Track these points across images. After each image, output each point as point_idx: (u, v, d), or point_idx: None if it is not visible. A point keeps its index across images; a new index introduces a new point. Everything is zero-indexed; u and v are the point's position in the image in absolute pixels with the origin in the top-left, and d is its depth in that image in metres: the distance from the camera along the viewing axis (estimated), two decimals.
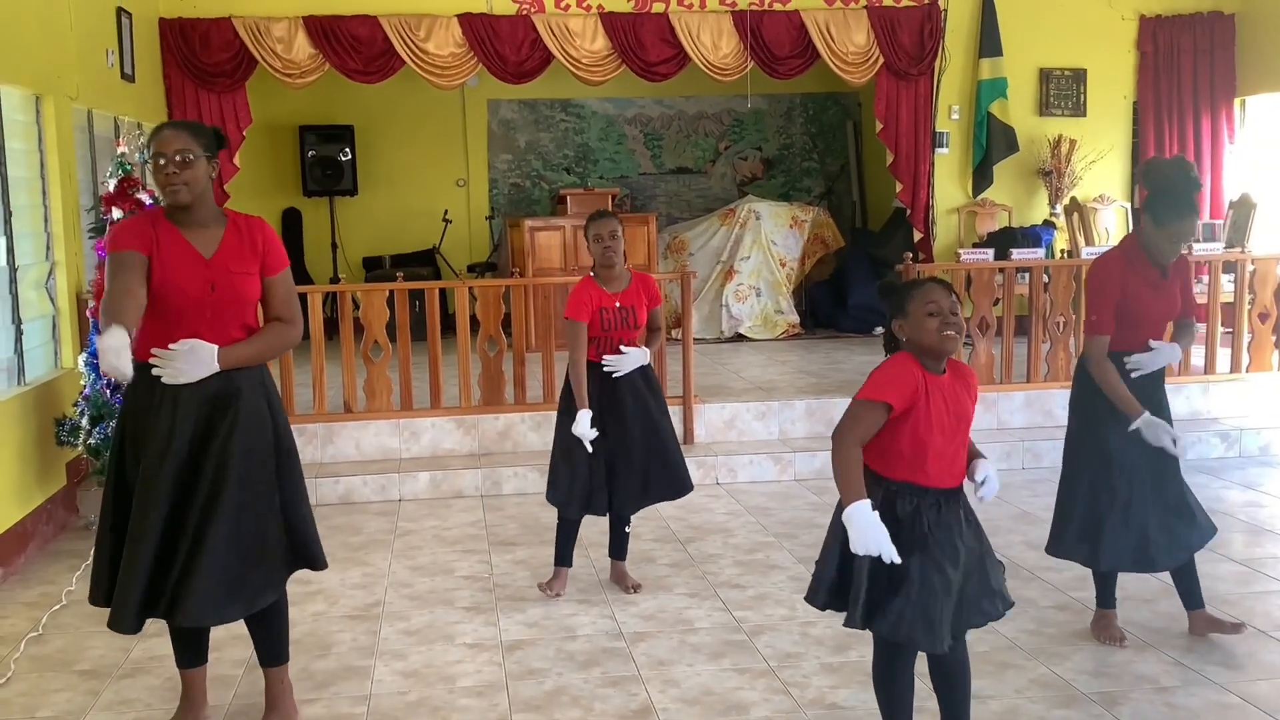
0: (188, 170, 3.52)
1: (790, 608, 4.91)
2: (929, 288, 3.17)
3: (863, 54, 10.11)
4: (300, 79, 9.58)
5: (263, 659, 3.95)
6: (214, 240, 3.60)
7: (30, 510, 5.80)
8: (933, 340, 3.14)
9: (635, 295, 5.00)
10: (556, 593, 5.10)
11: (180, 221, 3.59)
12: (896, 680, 3.35)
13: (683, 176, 13.13)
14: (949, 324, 3.11)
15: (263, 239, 3.68)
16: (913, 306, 3.16)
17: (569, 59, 9.80)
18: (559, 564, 5.17)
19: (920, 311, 3.14)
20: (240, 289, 3.60)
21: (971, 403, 3.21)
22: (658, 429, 5.04)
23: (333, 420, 7.18)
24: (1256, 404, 7.86)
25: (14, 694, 4.26)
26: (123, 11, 8.15)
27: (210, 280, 3.54)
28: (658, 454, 5.03)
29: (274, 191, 11.88)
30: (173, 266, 3.52)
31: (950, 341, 3.13)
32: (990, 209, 10.70)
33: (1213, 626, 4.48)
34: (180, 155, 3.51)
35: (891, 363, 3.19)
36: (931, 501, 3.16)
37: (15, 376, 5.99)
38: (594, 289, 4.93)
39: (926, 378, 3.15)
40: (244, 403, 3.62)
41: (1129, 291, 4.27)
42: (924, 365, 3.17)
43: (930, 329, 3.13)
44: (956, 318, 3.14)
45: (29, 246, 6.28)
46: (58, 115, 6.58)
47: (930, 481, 3.15)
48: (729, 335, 10.56)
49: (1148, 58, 10.70)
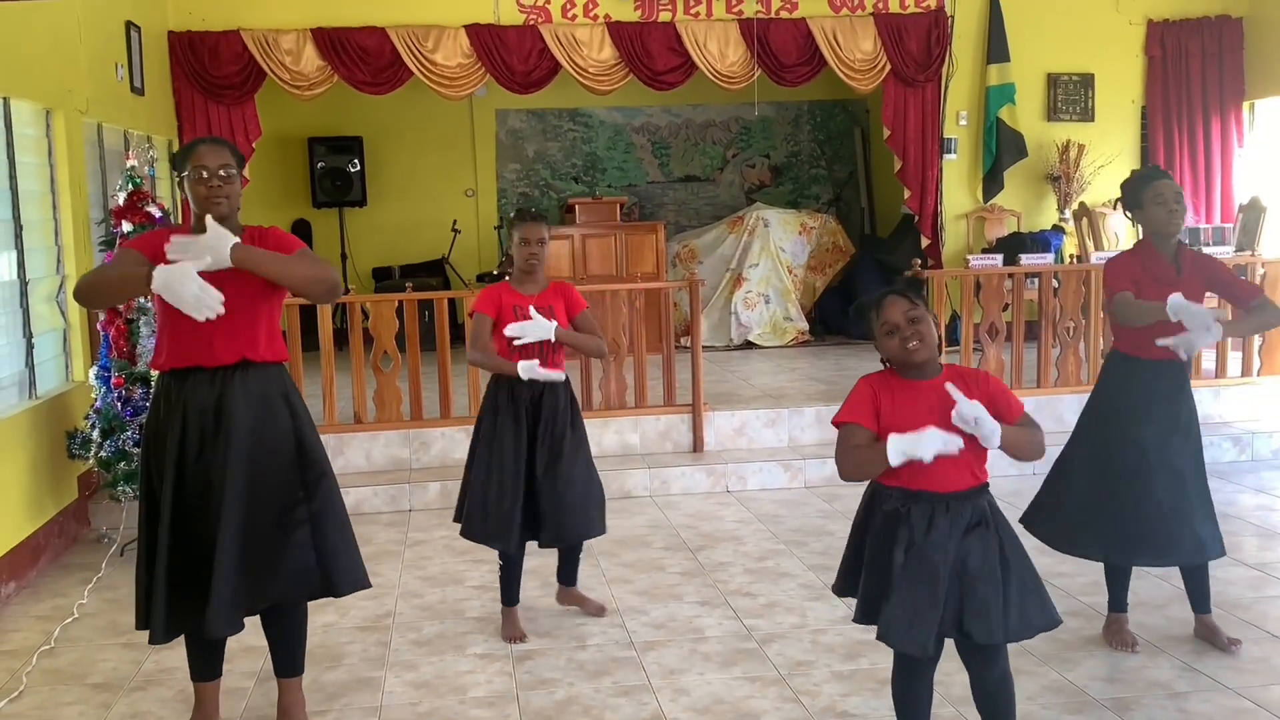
0: (229, 185, 3.63)
1: (801, 615, 4.90)
2: (883, 305, 3.17)
3: (870, 61, 10.12)
4: (309, 90, 9.62)
5: (279, 669, 3.95)
6: None
7: (42, 523, 5.82)
8: (898, 356, 3.16)
9: (552, 297, 4.66)
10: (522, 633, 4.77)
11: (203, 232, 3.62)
12: (911, 688, 3.35)
13: (691, 184, 13.14)
14: (907, 337, 3.12)
15: (274, 239, 3.72)
16: (875, 328, 3.20)
17: (576, 68, 9.82)
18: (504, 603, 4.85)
19: (880, 332, 3.18)
20: (251, 289, 3.61)
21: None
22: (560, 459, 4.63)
23: (343, 431, 7.18)
24: (1268, 407, 7.83)
25: (26, 707, 4.27)
26: (132, 25, 8.20)
27: (221, 283, 3.54)
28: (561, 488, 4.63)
29: (283, 203, 11.92)
30: None
31: (914, 353, 3.13)
32: (999, 214, 10.69)
33: (1210, 636, 4.45)
34: (224, 170, 3.62)
35: (856, 386, 3.25)
36: (923, 506, 3.15)
37: (27, 390, 6.02)
38: (506, 290, 4.65)
39: (895, 387, 3.17)
40: (253, 410, 3.62)
41: (1139, 287, 4.26)
42: (905, 375, 3.19)
43: (892, 347, 3.16)
44: (916, 326, 3.11)
45: (40, 260, 6.30)
46: (68, 129, 6.62)
47: (918, 485, 3.14)
48: (738, 343, 10.56)
49: (1156, 62, 10.69)
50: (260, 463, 3.63)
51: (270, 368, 3.71)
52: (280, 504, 3.68)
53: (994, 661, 3.27)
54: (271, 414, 3.68)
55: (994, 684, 3.31)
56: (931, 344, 3.14)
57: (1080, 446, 4.49)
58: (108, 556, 5.93)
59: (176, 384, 3.62)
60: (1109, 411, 4.40)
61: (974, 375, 3.24)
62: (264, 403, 3.66)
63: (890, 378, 3.21)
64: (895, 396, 3.16)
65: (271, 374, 3.71)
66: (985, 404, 3.06)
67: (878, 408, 3.16)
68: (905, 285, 3.25)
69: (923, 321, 3.13)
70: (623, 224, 10.68)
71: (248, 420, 3.61)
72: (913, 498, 3.16)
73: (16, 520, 5.53)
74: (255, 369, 3.65)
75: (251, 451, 3.61)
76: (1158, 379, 4.33)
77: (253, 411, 3.63)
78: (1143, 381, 4.34)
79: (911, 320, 3.12)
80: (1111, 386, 4.44)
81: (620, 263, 10.20)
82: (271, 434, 3.67)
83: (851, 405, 3.20)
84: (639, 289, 7.59)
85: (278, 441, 3.68)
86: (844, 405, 3.22)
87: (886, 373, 3.24)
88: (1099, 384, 4.55)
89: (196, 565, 3.59)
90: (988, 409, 3.05)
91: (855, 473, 3.17)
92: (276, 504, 3.68)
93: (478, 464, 4.72)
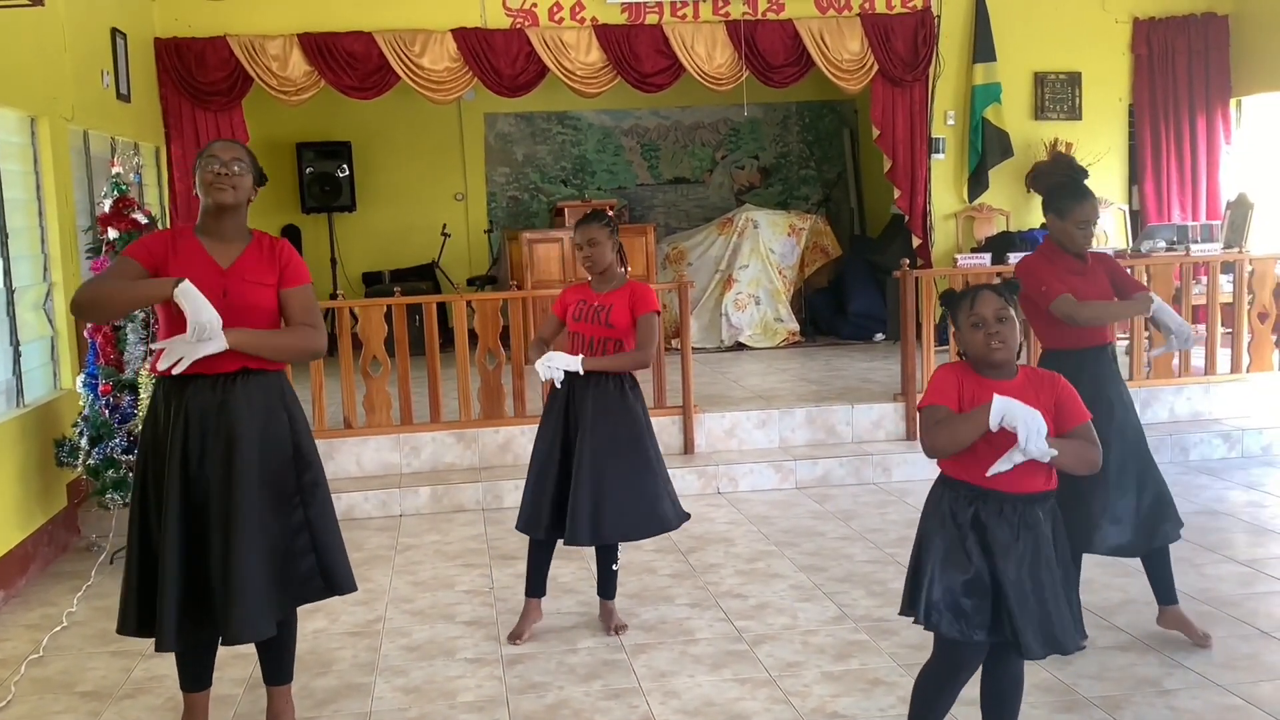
0: (237, 177, 3.63)
1: (792, 616, 4.90)
2: (976, 298, 3.18)
3: (857, 61, 10.12)
4: (296, 96, 9.60)
5: (268, 677, 3.95)
6: (234, 253, 3.66)
7: (31, 532, 5.80)
8: (978, 352, 3.17)
9: (618, 296, 4.71)
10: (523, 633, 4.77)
11: (207, 232, 3.66)
12: (946, 691, 3.33)
13: (680, 186, 13.14)
14: (992, 334, 3.13)
15: (285, 255, 3.72)
16: (961, 318, 3.21)
17: (564, 71, 9.82)
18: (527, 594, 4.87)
19: (967, 324, 3.19)
20: (253, 298, 3.61)
21: (1046, 414, 3.07)
22: (616, 454, 4.57)
23: (333, 436, 7.17)
24: (1258, 404, 7.84)
25: (15, 716, 4.26)
26: (117, 32, 8.17)
27: (223, 287, 3.56)
28: (615, 483, 4.56)
29: (272, 209, 11.89)
30: (185, 270, 3.54)
31: (995, 352, 3.14)
32: (987, 214, 10.70)
33: (1182, 626, 4.46)
34: (235, 164, 3.63)
35: (937, 372, 3.26)
36: (992, 505, 3.15)
37: (14, 398, 6.00)
38: (580, 288, 4.86)
39: (975, 383, 3.17)
40: (256, 417, 3.62)
41: (1062, 282, 4.31)
42: (980, 373, 3.20)
43: (975, 341, 3.17)
44: (1003, 325, 3.13)
45: (26, 268, 6.28)
46: (53, 136, 6.60)
47: (990, 483, 3.13)
48: (729, 344, 10.56)
49: (1142, 60, 10.71)
50: (265, 468, 3.64)
51: (269, 375, 3.71)
52: (284, 509, 3.70)
53: (1014, 662, 3.29)
54: (272, 420, 3.69)
55: (1008, 685, 3.33)
56: (1012, 347, 3.16)
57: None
58: (97, 564, 5.91)
59: (177, 391, 3.60)
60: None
61: (1047, 379, 3.25)
62: (265, 410, 3.67)
63: (968, 371, 3.22)
64: (973, 390, 3.17)
65: (271, 381, 3.72)
66: (1051, 407, 3.12)
67: (961, 395, 3.17)
68: (1003, 286, 3.23)
69: (1009, 323, 3.15)
70: None
71: (251, 427, 3.62)
72: (981, 496, 3.16)
73: (5, 529, 5.51)
74: (255, 376, 3.65)
75: (257, 458, 3.62)
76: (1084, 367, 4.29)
77: (255, 418, 3.63)
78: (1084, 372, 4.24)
79: (1000, 319, 3.14)
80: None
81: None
82: (273, 440, 3.68)
83: (938, 388, 3.20)
84: None
85: (278, 447, 3.70)
86: (929, 389, 3.23)
87: (965, 364, 3.25)
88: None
89: (203, 573, 3.59)
90: (1053, 414, 3.11)
91: (949, 442, 3.11)
92: (282, 509, 3.69)
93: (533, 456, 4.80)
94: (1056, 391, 3.20)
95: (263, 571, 3.60)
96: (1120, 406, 4.37)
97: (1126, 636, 4.52)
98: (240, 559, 3.55)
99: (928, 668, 3.38)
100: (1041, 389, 3.18)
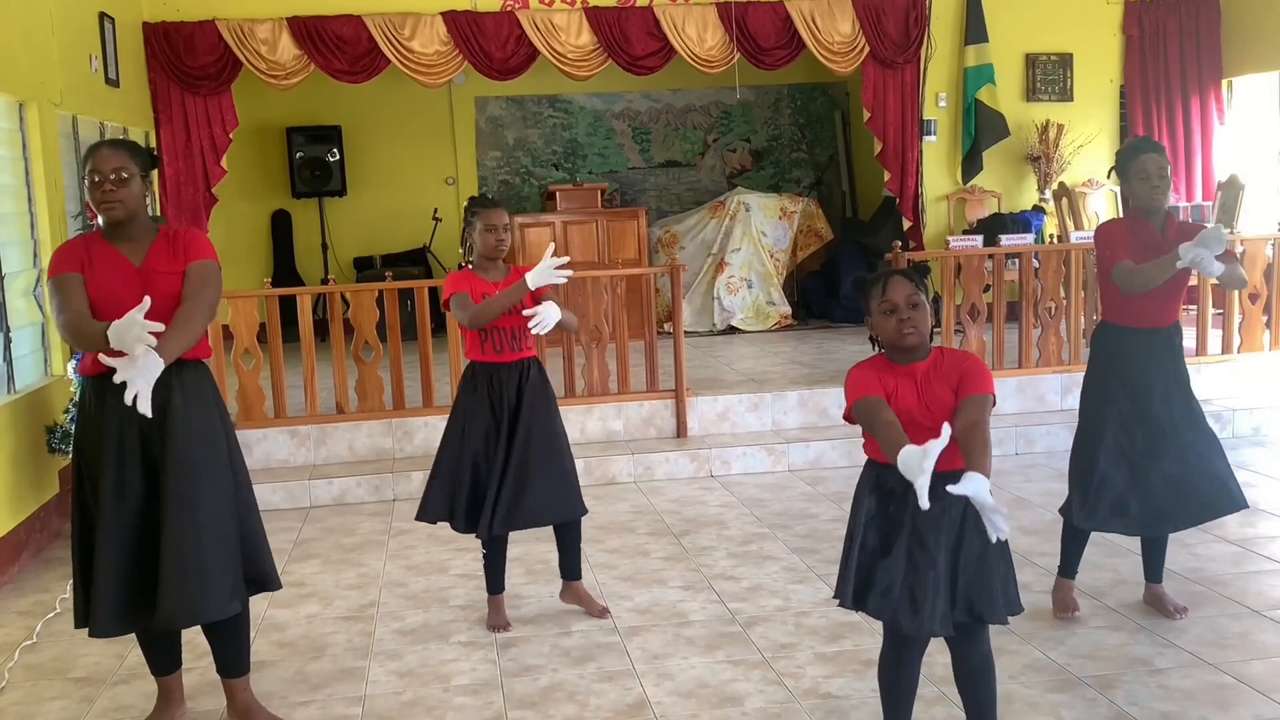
0: (124, 189, 3.60)
1: (784, 598, 4.91)
2: (888, 284, 3.17)
3: (848, 43, 10.11)
4: (286, 80, 9.56)
5: (223, 670, 3.95)
6: (144, 250, 3.67)
7: (23, 518, 5.79)
8: (890, 337, 3.17)
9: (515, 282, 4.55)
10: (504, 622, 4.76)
11: (114, 237, 3.67)
12: (901, 673, 3.35)
13: (672, 170, 13.12)
14: (904, 320, 3.13)
15: (188, 240, 3.72)
16: (873, 304, 3.20)
17: (555, 54, 9.79)
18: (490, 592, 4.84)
19: (878, 309, 3.18)
20: (171, 290, 3.62)
21: (948, 391, 3.13)
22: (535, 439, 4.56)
23: (325, 421, 7.16)
24: (1248, 384, 7.86)
25: (9, 703, 4.26)
26: (105, 16, 8.13)
27: (142, 286, 3.56)
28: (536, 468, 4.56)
29: (262, 194, 11.87)
30: (105, 276, 3.60)
31: (907, 337, 3.13)
32: (979, 196, 10.69)
33: (1156, 603, 4.54)
34: (116, 174, 3.59)
35: (853, 371, 3.22)
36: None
37: (5, 384, 5.98)
38: (472, 277, 4.58)
39: (893, 371, 3.18)
40: (190, 410, 3.66)
41: (1130, 251, 4.29)
42: (892, 359, 3.20)
43: (888, 327, 3.16)
44: (915, 311, 3.12)
45: (16, 254, 6.26)
46: (42, 122, 6.57)
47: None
48: (721, 328, 10.55)
49: (1134, 41, 10.71)
50: (203, 458, 3.67)
51: (200, 365, 3.77)
52: (222, 498, 3.72)
53: (979, 642, 3.28)
54: (205, 410, 3.73)
55: (977, 664, 3.31)
56: (924, 332, 3.16)
57: (1094, 430, 4.44)
58: None
59: (110, 387, 3.45)
60: (1116, 388, 4.38)
61: (955, 356, 3.25)
62: (199, 400, 3.70)
63: (881, 363, 3.22)
64: (891, 380, 3.17)
65: (202, 371, 3.77)
66: (956, 380, 3.12)
67: (883, 385, 3.15)
68: (913, 270, 3.22)
69: (921, 308, 3.15)
70: (604, 210, 10.66)
71: (189, 418, 3.65)
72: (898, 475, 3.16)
73: None
74: (188, 367, 3.68)
75: (195, 447, 3.65)
76: (1152, 346, 4.36)
77: (192, 409, 3.67)
78: (1139, 352, 4.35)
79: (912, 305, 3.14)
80: (1109, 360, 4.43)
81: (602, 249, 10.19)
82: (208, 429, 3.72)
83: (859, 384, 3.14)
84: (621, 275, 7.57)
85: (213, 436, 3.74)
86: (850, 389, 3.16)
87: (877, 359, 3.25)
88: (1094, 361, 4.54)
89: (142, 562, 3.61)
90: (957, 385, 3.11)
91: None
92: (221, 498, 3.71)
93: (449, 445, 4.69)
94: (963, 366, 3.17)
95: (201, 558, 3.60)
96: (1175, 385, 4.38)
97: (1119, 616, 4.54)
98: (179, 543, 3.56)
99: (880, 652, 3.40)
100: (950, 372, 3.16)
